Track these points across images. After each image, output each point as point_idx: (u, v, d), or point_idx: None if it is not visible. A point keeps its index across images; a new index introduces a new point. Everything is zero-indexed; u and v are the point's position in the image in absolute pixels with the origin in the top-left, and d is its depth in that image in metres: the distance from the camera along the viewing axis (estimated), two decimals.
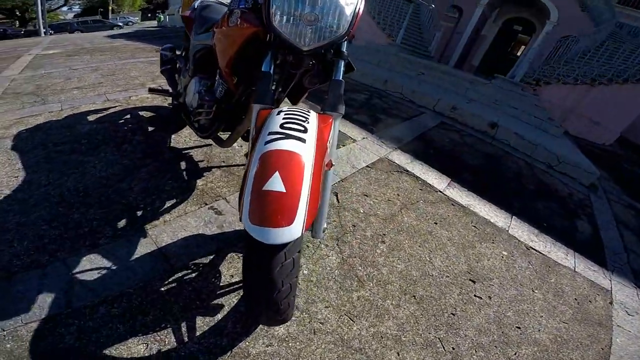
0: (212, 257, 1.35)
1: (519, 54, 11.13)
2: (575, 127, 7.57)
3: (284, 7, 0.91)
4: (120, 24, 23.50)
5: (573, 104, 7.68)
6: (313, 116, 0.88)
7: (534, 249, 2.15)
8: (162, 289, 1.20)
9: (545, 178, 3.51)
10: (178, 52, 2.24)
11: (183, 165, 1.91)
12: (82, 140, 2.02)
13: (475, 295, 1.61)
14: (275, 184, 0.69)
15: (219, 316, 1.16)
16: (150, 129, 2.29)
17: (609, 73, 7.33)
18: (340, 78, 1.00)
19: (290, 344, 1.13)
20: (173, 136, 2.22)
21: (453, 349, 1.29)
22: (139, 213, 1.49)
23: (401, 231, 1.75)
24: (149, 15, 32.49)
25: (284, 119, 0.82)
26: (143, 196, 1.59)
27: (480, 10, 9.71)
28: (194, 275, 1.27)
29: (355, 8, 0.97)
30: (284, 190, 0.69)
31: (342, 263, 1.49)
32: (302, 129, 0.80)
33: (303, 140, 0.75)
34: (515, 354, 1.37)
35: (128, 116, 2.47)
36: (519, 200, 2.75)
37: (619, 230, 3.10)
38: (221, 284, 1.26)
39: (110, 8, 29.21)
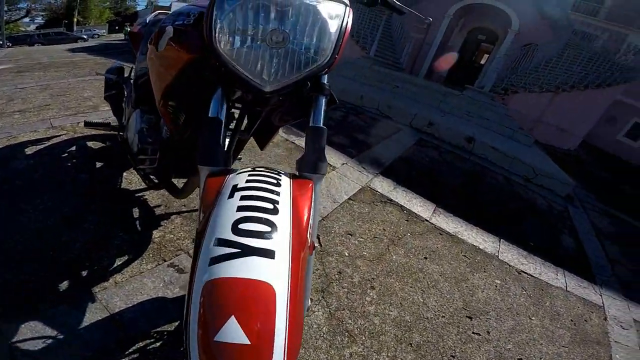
0: (177, 323, 1.19)
1: (482, 62, 11.71)
2: (542, 135, 7.96)
3: (235, 23, 0.65)
4: (85, 36, 22.35)
5: (539, 112, 8.12)
6: (286, 184, 0.62)
7: (525, 273, 2.13)
8: None
9: (524, 193, 3.59)
10: (127, 75, 1.99)
11: (136, 212, 1.67)
12: (16, 180, 1.75)
13: (473, 333, 1.55)
14: (233, 333, 0.44)
15: None
16: (98, 164, 2.03)
17: (571, 80, 7.82)
18: (321, 124, 0.73)
19: None
20: (125, 174, 1.96)
21: None
22: (85, 273, 1.30)
23: (391, 272, 1.66)
24: (117, 27, 31.31)
25: (241, 199, 0.54)
26: (88, 252, 1.39)
27: (447, 20, 10.23)
28: (158, 344, 1.10)
29: (342, 22, 0.71)
30: (248, 342, 0.44)
31: (330, 318, 1.37)
32: (271, 209, 0.54)
33: (271, 239, 0.50)
34: None
35: (73, 148, 2.16)
36: (503, 221, 2.77)
37: (600, 241, 3.19)
38: None
39: (75, 20, 27.75)
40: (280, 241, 0.50)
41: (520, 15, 9.33)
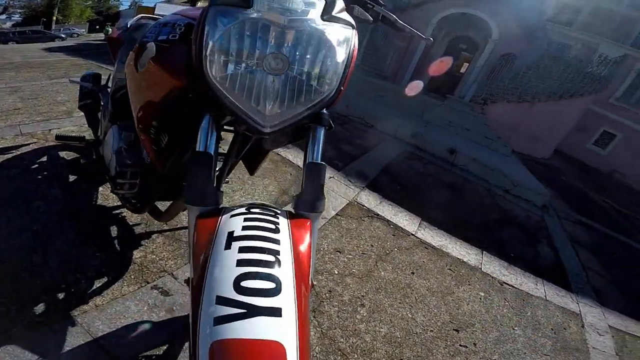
0: (165, 347, 1.17)
1: (462, 70, 12.17)
2: (519, 144, 8.32)
3: (230, 44, 0.57)
4: (63, 35, 21.69)
5: (517, 122, 8.48)
6: (284, 226, 0.57)
7: (507, 284, 2.22)
8: None
9: (504, 204, 3.74)
10: (104, 82, 1.86)
11: (114, 230, 1.57)
12: None
13: (460, 345, 1.61)
14: None
15: None
16: (71, 178, 1.88)
17: (547, 90, 8.20)
18: (320, 159, 0.67)
19: None
20: (101, 189, 1.81)
21: None
22: (61, 296, 1.24)
23: (380, 289, 1.70)
24: (97, 27, 30.43)
25: (240, 251, 0.50)
26: (63, 273, 1.32)
27: (431, 29, 10.59)
28: None
29: (349, 48, 0.64)
30: None
31: (322, 337, 1.39)
32: (272, 261, 0.50)
33: (277, 296, 0.47)
34: None
35: (44, 158, 2.01)
36: (485, 232, 2.88)
37: (574, 249, 3.36)
38: None
39: (54, 18, 26.89)
40: (286, 296, 0.48)
41: (500, 24, 9.79)
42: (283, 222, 0.58)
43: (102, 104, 1.72)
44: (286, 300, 0.47)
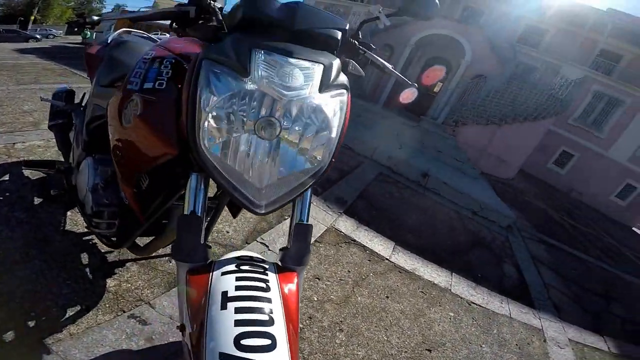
0: None
1: (436, 90, 12.78)
2: (486, 165, 8.83)
3: (224, 116, 0.57)
4: (38, 36, 20.87)
5: (485, 144, 9.00)
6: (273, 281, 0.61)
7: (475, 304, 2.39)
8: None
9: (472, 226, 4.01)
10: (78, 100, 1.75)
11: (85, 258, 1.52)
12: None
13: None
14: None
15: None
16: (36, 200, 1.77)
17: (513, 113, 8.76)
18: (307, 220, 0.70)
19: None
20: (69, 213, 1.72)
21: None
22: (32, 324, 1.20)
23: (357, 314, 1.81)
24: (76, 29, 29.26)
25: (236, 312, 0.55)
26: (32, 302, 1.27)
27: (409, 49, 11.12)
28: None
29: (343, 113, 0.66)
30: None
31: None
32: (267, 320, 0.55)
33: (273, 351, 0.53)
34: None
35: (7, 177, 1.89)
36: (455, 254, 3.09)
37: (537, 267, 3.64)
38: None
39: (32, 18, 25.82)
40: (281, 349, 0.53)
41: (473, 46, 10.31)
42: (272, 278, 0.62)
43: (74, 124, 1.58)
44: (281, 352, 0.53)
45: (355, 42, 0.85)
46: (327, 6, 13.92)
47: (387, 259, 2.45)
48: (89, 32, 19.68)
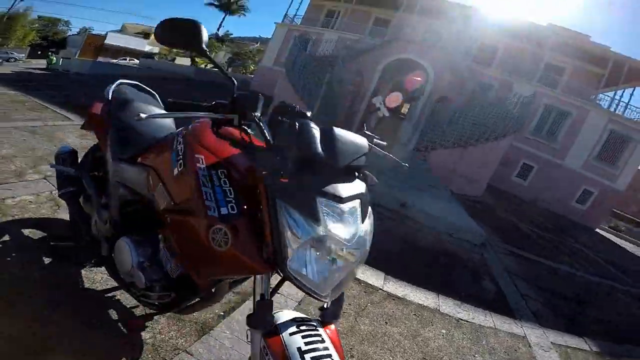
0: None
1: (404, 110, 13.27)
2: (457, 186, 9.34)
3: (306, 253, 0.79)
4: None
5: (453, 166, 9.52)
6: (325, 336, 0.84)
7: (462, 320, 2.70)
8: None
9: (450, 247, 4.41)
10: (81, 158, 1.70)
11: (113, 314, 1.57)
12: None
13: None
14: None
15: None
16: (46, 260, 1.73)
17: (476, 134, 9.29)
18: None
19: None
20: (83, 272, 1.71)
21: None
22: None
23: (363, 341, 2.06)
24: (39, 52, 28.04)
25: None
26: (76, 357, 1.28)
27: (378, 75, 11.72)
28: None
29: (373, 223, 0.94)
30: None
31: None
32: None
33: None
34: None
35: (6, 237, 1.77)
36: (438, 276, 3.42)
37: (512, 279, 4.04)
38: None
39: None
40: None
41: (435, 68, 11.01)
42: (322, 332, 0.85)
43: (88, 193, 1.52)
44: None
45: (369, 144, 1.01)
46: None
47: (380, 288, 2.74)
48: (54, 58, 18.74)
